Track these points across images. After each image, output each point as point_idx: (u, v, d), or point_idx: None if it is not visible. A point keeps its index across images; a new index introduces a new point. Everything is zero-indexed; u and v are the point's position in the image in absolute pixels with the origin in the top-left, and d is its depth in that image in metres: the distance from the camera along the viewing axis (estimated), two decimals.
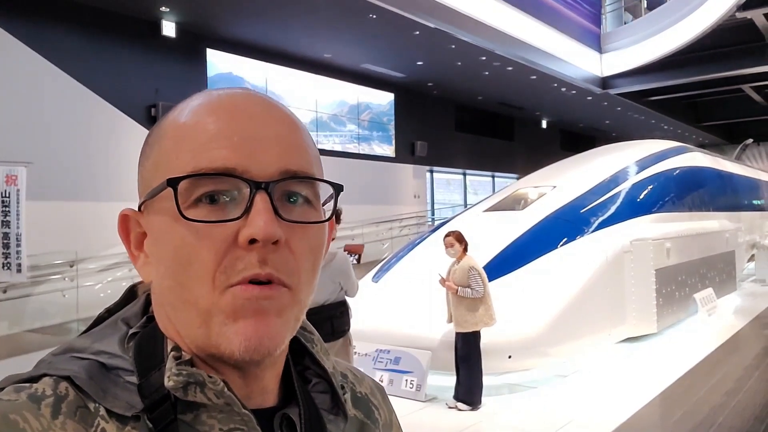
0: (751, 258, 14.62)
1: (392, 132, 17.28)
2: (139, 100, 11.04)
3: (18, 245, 7.54)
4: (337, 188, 0.60)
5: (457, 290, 5.48)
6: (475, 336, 5.55)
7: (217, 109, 0.58)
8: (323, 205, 0.60)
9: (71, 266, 9.24)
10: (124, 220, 0.61)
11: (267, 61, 13.43)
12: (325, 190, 0.60)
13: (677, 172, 10.67)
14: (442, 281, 5.64)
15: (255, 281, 0.54)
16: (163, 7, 10.62)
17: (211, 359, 0.57)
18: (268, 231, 0.53)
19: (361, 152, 16.15)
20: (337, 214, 4.13)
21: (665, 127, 25.58)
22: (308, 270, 0.58)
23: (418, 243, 8.23)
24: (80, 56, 10.13)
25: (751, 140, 25.14)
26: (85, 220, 9.77)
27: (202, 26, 11.74)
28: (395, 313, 6.49)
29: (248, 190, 0.54)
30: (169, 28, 11.28)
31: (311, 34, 12.38)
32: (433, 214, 18.88)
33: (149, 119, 11.05)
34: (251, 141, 0.56)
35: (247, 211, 0.54)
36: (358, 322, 5.39)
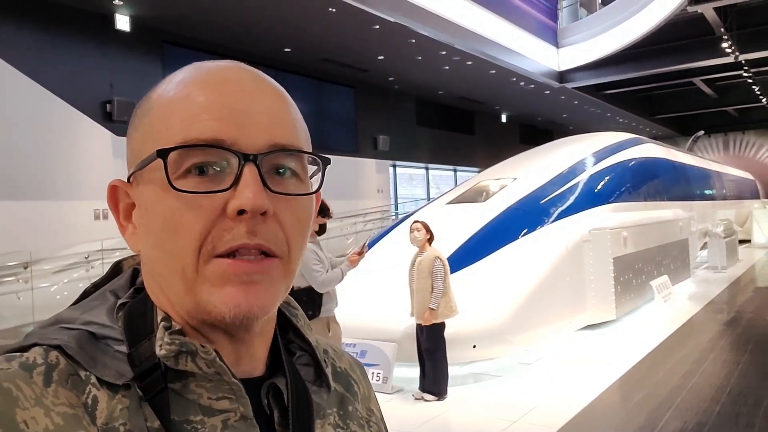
0: (704, 246, 15.10)
1: (354, 127, 17.24)
2: (94, 96, 10.75)
3: None
4: (325, 161, 0.61)
5: (433, 310, 5.51)
6: (439, 328, 5.60)
7: (206, 81, 0.58)
8: (310, 178, 0.61)
9: (25, 267, 8.97)
10: (113, 191, 0.61)
11: (226, 56, 13.22)
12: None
13: (633, 163, 10.94)
14: (428, 318, 5.55)
15: (244, 254, 0.55)
16: (117, 0, 10.36)
17: (201, 326, 0.58)
18: (256, 202, 0.54)
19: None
20: (325, 209, 4.06)
21: (620, 119, 26.19)
22: (297, 241, 0.59)
23: (382, 236, 8.25)
24: (31, 51, 9.81)
25: (702, 132, 25.94)
26: (38, 220, 9.50)
27: (157, 20, 11.49)
28: (360, 305, 6.49)
29: (237, 161, 0.55)
30: (123, 22, 11.00)
31: (270, 28, 12.25)
32: (396, 209, 18.95)
33: (104, 115, 10.77)
34: (240, 114, 0.56)
35: (236, 182, 0.54)
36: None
